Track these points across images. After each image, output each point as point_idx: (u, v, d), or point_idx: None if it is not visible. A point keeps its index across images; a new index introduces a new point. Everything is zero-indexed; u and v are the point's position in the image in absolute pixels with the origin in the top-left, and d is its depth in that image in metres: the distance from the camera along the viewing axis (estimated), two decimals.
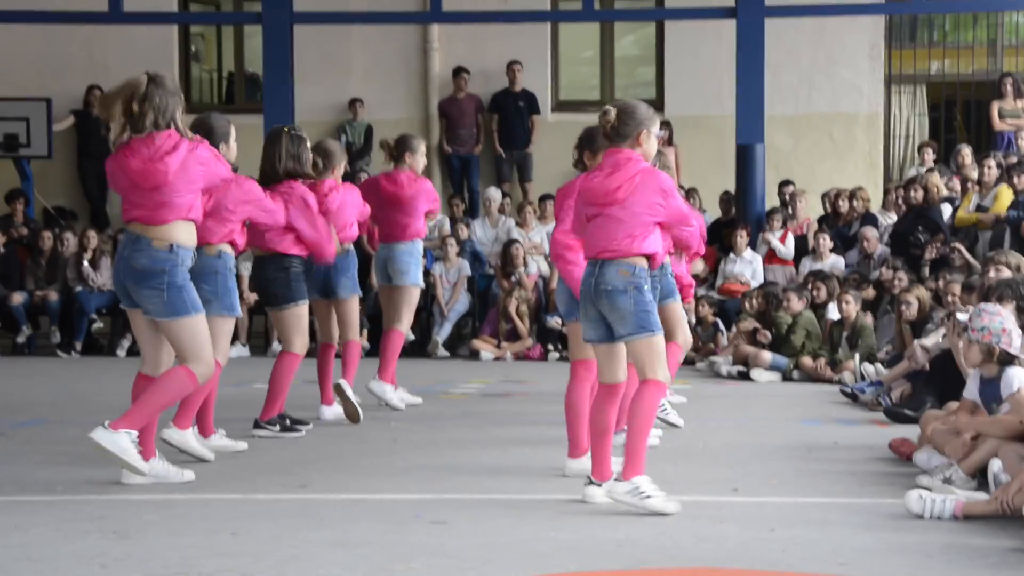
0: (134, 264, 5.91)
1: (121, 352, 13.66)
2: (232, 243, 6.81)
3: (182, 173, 5.86)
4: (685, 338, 7.97)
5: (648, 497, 5.37)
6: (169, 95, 5.91)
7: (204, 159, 5.94)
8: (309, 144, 7.83)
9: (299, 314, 7.68)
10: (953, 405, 6.60)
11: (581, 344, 5.96)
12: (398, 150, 8.86)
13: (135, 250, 5.92)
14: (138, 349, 14.56)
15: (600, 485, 5.57)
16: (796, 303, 11.42)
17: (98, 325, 14.22)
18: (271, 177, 7.60)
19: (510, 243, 13.95)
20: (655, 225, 5.53)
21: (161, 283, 5.87)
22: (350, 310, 8.33)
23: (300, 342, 7.65)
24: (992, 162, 13.00)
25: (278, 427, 7.70)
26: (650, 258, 5.53)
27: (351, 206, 8.20)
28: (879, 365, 10.18)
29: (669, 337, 7.96)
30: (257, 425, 7.71)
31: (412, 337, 11.31)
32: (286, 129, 7.76)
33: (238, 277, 13.54)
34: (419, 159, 8.87)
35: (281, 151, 7.63)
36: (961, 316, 6.79)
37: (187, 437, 6.71)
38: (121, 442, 5.78)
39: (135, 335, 6.31)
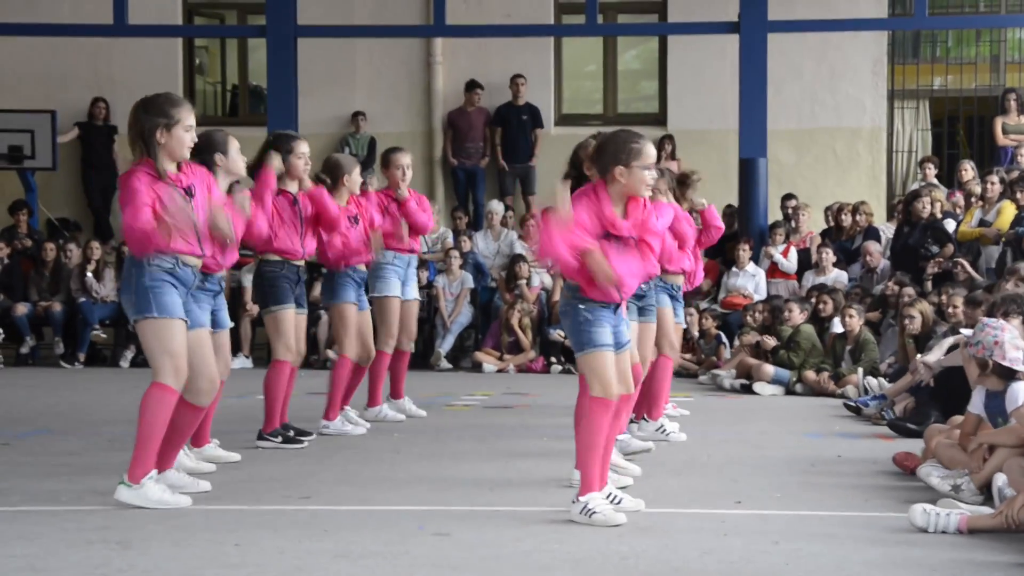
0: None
1: (124, 363, 13.68)
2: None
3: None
4: (672, 347, 8.04)
5: (594, 514, 5.36)
6: (149, 117, 5.93)
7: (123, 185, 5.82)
8: (301, 151, 7.71)
9: (277, 319, 7.61)
10: (958, 419, 6.60)
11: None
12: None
13: None
14: (140, 360, 14.59)
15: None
16: (797, 315, 11.43)
17: (101, 336, 14.25)
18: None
19: (515, 259, 13.99)
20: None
21: (130, 285, 5.74)
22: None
23: (282, 347, 7.61)
24: (995, 177, 13.02)
25: (280, 438, 7.70)
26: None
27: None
28: (882, 379, 10.18)
29: (658, 350, 7.95)
30: (260, 437, 7.72)
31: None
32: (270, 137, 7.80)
33: (240, 288, 13.81)
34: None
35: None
36: (965, 331, 6.81)
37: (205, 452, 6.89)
38: (150, 494, 5.71)
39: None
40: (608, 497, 5.55)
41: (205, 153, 6.50)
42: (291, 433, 7.75)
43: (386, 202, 8.76)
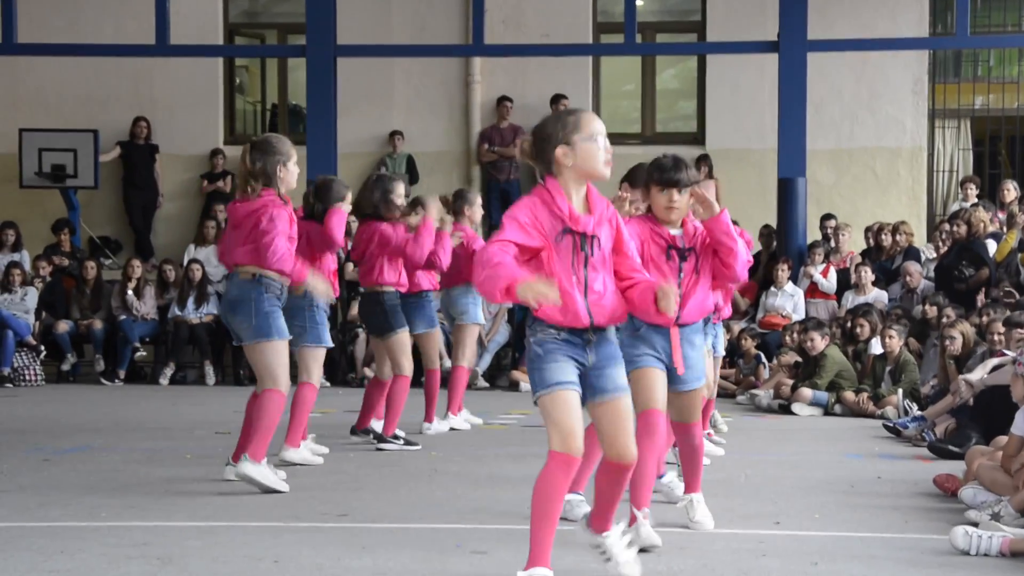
0: (228, 296, 6.84)
1: (164, 380, 13.76)
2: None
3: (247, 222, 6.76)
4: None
5: None
6: (266, 156, 6.76)
7: (267, 219, 6.67)
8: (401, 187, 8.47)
9: (401, 341, 8.33)
10: (1000, 440, 6.53)
11: (642, 391, 5.23)
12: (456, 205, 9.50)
13: (230, 284, 6.86)
14: (179, 378, 14.83)
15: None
16: (820, 342, 11.26)
17: (141, 354, 14.35)
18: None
19: None
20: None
21: (249, 309, 6.69)
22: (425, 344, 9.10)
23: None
24: None
25: (402, 441, 8.39)
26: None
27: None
28: (912, 404, 10.12)
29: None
30: (380, 439, 8.38)
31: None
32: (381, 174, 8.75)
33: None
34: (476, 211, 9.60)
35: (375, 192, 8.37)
36: (1009, 352, 6.75)
37: (302, 453, 7.68)
38: (265, 472, 6.66)
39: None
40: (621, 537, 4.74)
41: (327, 199, 7.67)
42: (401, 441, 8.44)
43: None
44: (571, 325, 4.36)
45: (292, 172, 6.80)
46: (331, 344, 7.88)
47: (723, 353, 8.70)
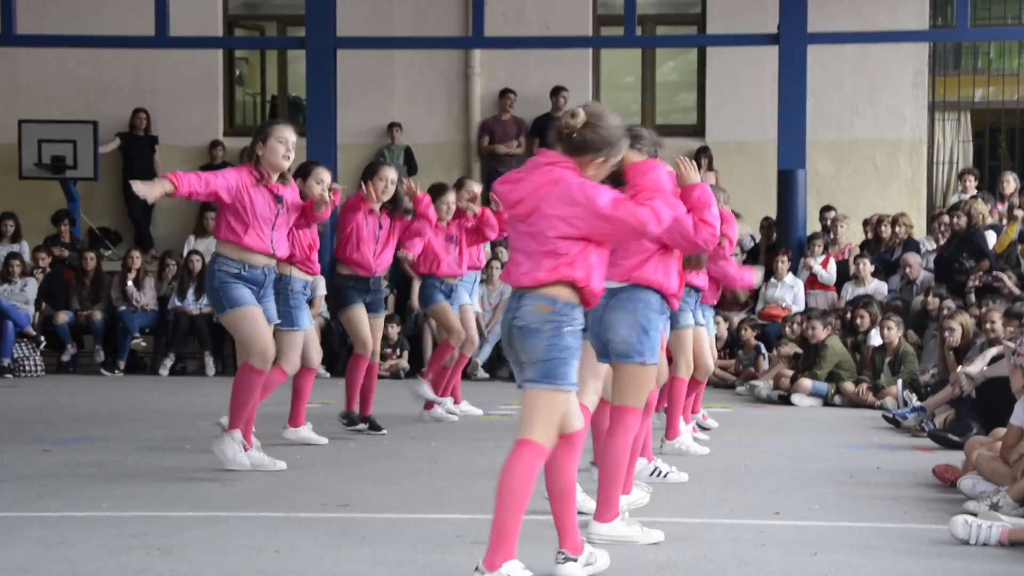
0: None
1: (163, 371, 13.77)
2: (295, 264, 7.61)
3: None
4: (688, 367, 7.54)
5: None
6: (255, 135, 6.89)
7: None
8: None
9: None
10: (999, 431, 6.54)
11: (627, 384, 5.19)
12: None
13: None
14: (179, 368, 14.93)
15: (576, 560, 4.67)
16: (820, 331, 11.28)
17: (141, 344, 14.36)
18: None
19: None
20: (575, 243, 4.45)
21: (208, 286, 6.91)
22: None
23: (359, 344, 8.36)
24: None
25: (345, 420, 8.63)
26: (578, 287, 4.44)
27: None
28: (912, 394, 10.14)
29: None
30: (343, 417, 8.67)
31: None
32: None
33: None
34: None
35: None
36: (1008, 343, 6.75)
37: (301, 433, 8.03)
38: (231, 449, 6.79)
39: None
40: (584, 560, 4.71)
41: (297, 177, 7.43)
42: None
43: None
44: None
45: (272, 148, 6.77)
46: (306, 327, 7.66)
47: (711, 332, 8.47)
